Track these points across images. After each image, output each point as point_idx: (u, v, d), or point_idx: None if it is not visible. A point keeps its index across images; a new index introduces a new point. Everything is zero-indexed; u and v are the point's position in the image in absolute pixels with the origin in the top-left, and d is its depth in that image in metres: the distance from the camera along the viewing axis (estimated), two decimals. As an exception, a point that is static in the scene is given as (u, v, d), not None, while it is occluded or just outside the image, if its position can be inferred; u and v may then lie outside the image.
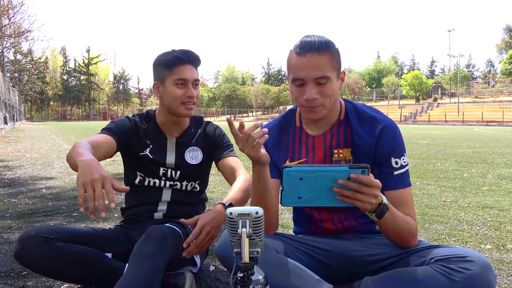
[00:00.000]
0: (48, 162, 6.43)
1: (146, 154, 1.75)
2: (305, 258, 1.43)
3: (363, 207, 1.16)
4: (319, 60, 1.29)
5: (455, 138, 13.43)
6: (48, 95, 65.46)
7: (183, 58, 1.66)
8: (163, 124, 1.78)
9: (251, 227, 1.05)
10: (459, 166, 5.90)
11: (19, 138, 13.51)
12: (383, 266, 1.35)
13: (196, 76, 1.69)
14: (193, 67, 1.69)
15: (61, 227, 1.53)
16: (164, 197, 1.77)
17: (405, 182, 1.37)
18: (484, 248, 2.26)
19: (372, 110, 1.44)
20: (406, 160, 1.40)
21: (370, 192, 1.13)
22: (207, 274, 1.86)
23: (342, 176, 1.11)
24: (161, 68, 1.68)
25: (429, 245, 1.33)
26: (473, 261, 1.17)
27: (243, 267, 1.04)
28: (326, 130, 1.45)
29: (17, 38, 24.15)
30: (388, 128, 1.39)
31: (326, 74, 1.30)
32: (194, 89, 1.69)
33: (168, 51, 1.70)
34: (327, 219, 1.51)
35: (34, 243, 1.39)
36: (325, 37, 1.34)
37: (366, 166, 1.11)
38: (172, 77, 1.66)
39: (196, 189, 1.82)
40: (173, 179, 1.77)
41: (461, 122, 37.88)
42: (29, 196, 3.77)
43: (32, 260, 1.40)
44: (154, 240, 1.39)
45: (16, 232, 2.56)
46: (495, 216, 2.95)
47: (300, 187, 1.13)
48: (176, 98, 1.67)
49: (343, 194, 1.13)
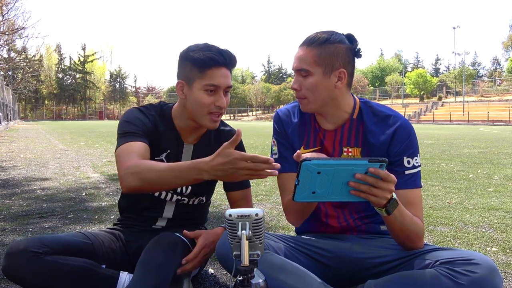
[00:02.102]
0: (43, 163, 6.43)
1: (162, 159, 1.59)
2: (306, 260, 1.43)
3: (378, 202, 1.17)
4: (305, 54, 1.38)
5: (460, 138, 13.43)
6: (42, 93, 65.50)
7: (219, 60, 1.45)
8: (180, 127, 1.60)
9: (251, 229, 1.05)
10: (465, 167, 5.90)
11: (13, 138, 13.51)
12: (387, 269, 1.35)
13: (229, 83, 1.49)
14: (227, 70, 1.49)
15: (51, 237, 1.44)
16: (166, 213, 1.68)
17: (415, 183, 1.39)
18: (490, 250, 2.26)
19: (387, 109, 1.48)
20: (418, 161, 1.42)
21: (386, 187, 1.13)
22: (206, 278, 1.86)
23: (361, 170, 1.11)
24: (191, 67, 1.46)
25: (433, 248, 1.33)
26: (478, 264, 1.17)
27: (243, 270, 1.03)
28: (337, 126, 1.47)
29: (11, 35, 24.20)
30: (403, 127, 1.41)
31: (305, 67, 1.37)
32: (225, 96, 1.50)
33: (201, 46, 1.48)
34: (333, 215, 1.52)
35: (22, 258, 1.31)
36: (329, 33, 1.38)
37: (385, 160, 1.11)
38: (203, 81, 1.45)
39: (202, 202, 1.75)
40: (182, 194, 1.65)
41: (466, 122, 37.88)
42: (23, 198, 3.77)
43: (21, 276, 1.33)
44: (165, 249, 1.38)
45: (10, 235, 2.56)
46: (501, 218, 2.95)
47: (316, 182, 1.12)
48: (203, 107, 1.47)
49: (359, 188, 1.13)
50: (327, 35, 1.37)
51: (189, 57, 1.47)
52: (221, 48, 1.48)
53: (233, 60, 1.50)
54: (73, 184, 4.52)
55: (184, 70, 1.50)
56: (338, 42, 1.37)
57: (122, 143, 1.43)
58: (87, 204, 3.48)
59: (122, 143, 1.43)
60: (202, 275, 1.87)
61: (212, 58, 1.44)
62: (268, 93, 67.19)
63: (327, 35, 1.37)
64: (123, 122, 1.51)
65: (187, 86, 1.49)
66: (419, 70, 60.95)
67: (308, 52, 1.37)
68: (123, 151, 1.40)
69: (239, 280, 1.03)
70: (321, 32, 1.39)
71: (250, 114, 72.88)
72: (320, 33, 1.38)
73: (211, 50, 1.46)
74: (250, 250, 1.06)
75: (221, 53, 1.46)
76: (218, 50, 1.47)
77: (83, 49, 69.30)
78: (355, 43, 1.41)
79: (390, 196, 1.17)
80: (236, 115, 69.52)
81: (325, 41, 1.36)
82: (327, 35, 1.37)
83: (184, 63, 1.50)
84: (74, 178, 4.91)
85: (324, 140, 1.49)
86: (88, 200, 3.68)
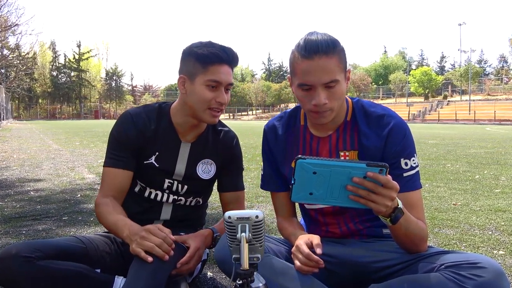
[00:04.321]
0: (37, 163, 6.43)
1: (151, 162, 1.64)
2: (308, 264, 1.43)
3: (377, 210, 1.15)
4: (327, 64, 1.28)
5: (466, 138, 13.43)
6: (36, 92, 65.47)
7: (222, 56, 1.51)
8: (179, 125, 1.64)
9: (250, 231, 1.05)
10: (471, 168, 5.90)
11: (6, 137, 13.51)
12: (390, 273, 1.35)
13: (231, 80, 1.56)
14: (229, 68, 1.55)
15: (44, 242, 1.46)
16: (163, 215, 1.71)
17: (415, 185, 1.38)
18: (497, 254, 2.26)
19: (380, 109, 1.44)
20: (416, 161, 1.39)
21: (387, 194, 1.12)
22: (205, 281, 1.86)
23: (359, 174, 1.09)
24: (194, 62, 1.52)
25: (438, 251, 1.33)
26: (485, 268, 1.17)
27: (242, 274, 1.03)
28: (331, 131, 1.46)
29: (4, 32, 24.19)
30: (397, 127, 1.39)
31: (336, 78, 1.29)
32: (226, 93, 1.57)
33: (205, 43, 1.55)
34: (333, 223, 1.51)
35: (14, 263, 1.31)
36: (329, 35, 1.33)
37: (385, 165, 1.09)
38: (205, 77, 1.51)
39: (200, 203, 1.79)
40: (178, 194, 1.69)
41: (472, 121, 37.88)
42: (16, 199, 3.77)
43: (13, 281, 1.33)
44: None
45: (2, 237, 2.56)
46: (509, 220, 2.95)
47: (312, 182, 1.12)
48: (204, 102, 1.53)
49: (358, 193, 1.12)
50: (330, 37, 1.32)
51: (193, 53, 1.53)
52: (224, 46, 1.55)
53: (236, 58, 1.56)
54: (67, 185, 4.52)
55: (187, 65, 1.55)
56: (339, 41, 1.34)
57: (108, 164, 1.61)
58: (82, 206, 3.48)
59: (109, 165, 1.61)
60: (201, 278, 1.88)
61: (216, 54, 1.51)
62: (269, 92, 67.25)
63: (330, 37, 1.32)
64: (113, 136, 1.63)
65: (189, 81, 1.55)
66: (424, 68, 61.06)
67: (330, 60, 1.28)
68: (105, 178, 1.61)
69: (239, 284, 1.04)
70: (320, 35, 1.32)
71: (250, 113, 72.86)
72: (323, 38, 1.30)
73: (214, 46, 1.53)
74: (250, 253, 1.06)
75: (225, 50, 1.53)
76: (222, 47, 1.54)
77: (78, 47, 69.34)
78: None
79: (392, 205, 1.15)
80: (236, 114, 69.52)
81: (336, 45, 1.30)
82: (330, 37, 1.32)
83: (187, 58, 1.55)
84: (69, 179, 4.91)
85: (319, 148, 1.47)
86: (83, 201, 3.68)
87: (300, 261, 1.27)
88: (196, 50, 1.52)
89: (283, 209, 1.57)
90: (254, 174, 5.30)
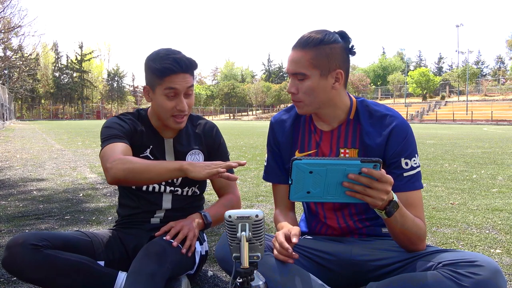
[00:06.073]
0: (39, 163, 6.43)
1: (147, 155, 1.71)
2: (307, 262, 1.44)
3: (374, 204, 1.17)
4: (298, 57, 1.36)
5: (463, 138, 13.44)
6: (39, 93, 65.41)
7: (175, 69, 1.54)
8: (157, 126, 1.73)
9: (251, 230, 1.06)
10: (468, 167, 5.90)
11: (9, 137, 13.51)
12: (389, 271, 1.35)
13: (189, 84, 1.59)
14: (186, 74, 1.58)
15: (51, 233, 1.50)
16: (164, 204, 1.74)
17: (415, 185, 1.38)
18: (494, 252, 2.26)
19: (384, 108, 1.46)
20: (417, 162, 1.40)
21: (382, 188, 1.13)
22: (205, 280, 1.86)
23: (354, 170, 1.12)
24: (151, 74, 1.59)
25: (436, 250, 1.33)
26: (482, 266, 1.17)
27: (243, 272, 1.04)
28: (334, 127, 1.47)
29: (7, 33, 24.22)
30: (399, 127, 1.40)
31: (301, 71, 1.35)
32: (187, 98, 1.61)
33: (160, 55, 1.57)
34: (332, 218, 1.52)
35: (21, 251, 1.36)
36: (323, 34, 1.35)
37: (378, 160, 1.11)
38: (162, 87, 1.56)
39: (197, 193, 1.82)
40: (174, 185, 1.74)
41: (470, 121, 37.88)
42: (19, 199, 3.77)
43: (20, 268, 1.37)
44: (154, 258, 1.39)
45: (5, 236, 2.56)
46: (505, 219, 2.96)
47: (309, 181, 1.14)
48: (165, 111, 1.60)
49: (354, 189, 1.14)
50: (321, 35, 1.34)
51: (150, 67, 1.59)
52: (177, 56, 1.56)
53: (190, 65, 1.58)
54: (70, 184, 4.52)
55: (147, 77, 1.63)
56: (332, 42, 1.34)
57: (105, 145, 1.56)
58: (84, 205, 3.48)
59: (106, 145, 1.56)
60: (201, 277, 1.88)
61: (168, 68, 1.54)
62: (268, 92, 67.20)
63: (321, 35, 1.34)
64: (104, 129, 1.64)
65: (151, 91, 1.62)
66: (422, 69, 60.95)
67: (303, 54, 1.34)
68: (107, 150, 1.52)
69: (239, 283, 1.04)
70: (314, 32, 1.35)
71: (250, 113, 72.86)
72: (314, 33, 1.35)
73: (168, 59, 1.55)
74: (250, 252, 1.06)
75: (177, 61, 1.54)
76: (174, 59, 1.55)
77: (80, 48, 69.22)
78: (348, 41, 1.39)
79: (387, 197, 1.17)
80: (236, 115, 69.53)
81: (319, 42, 1.33)
82: (321, 35, 1.34)
83: (146, 71, 1.63)
84: (71, 179, 4.91)
85: (321, 141, 1.48)
86: (85, 201, 3.68)
87: (276, 249, 1.33)
88: (152, 64, 1.57)
89: (281, 201, 1.60)
90: (254, 174, 5.29)
